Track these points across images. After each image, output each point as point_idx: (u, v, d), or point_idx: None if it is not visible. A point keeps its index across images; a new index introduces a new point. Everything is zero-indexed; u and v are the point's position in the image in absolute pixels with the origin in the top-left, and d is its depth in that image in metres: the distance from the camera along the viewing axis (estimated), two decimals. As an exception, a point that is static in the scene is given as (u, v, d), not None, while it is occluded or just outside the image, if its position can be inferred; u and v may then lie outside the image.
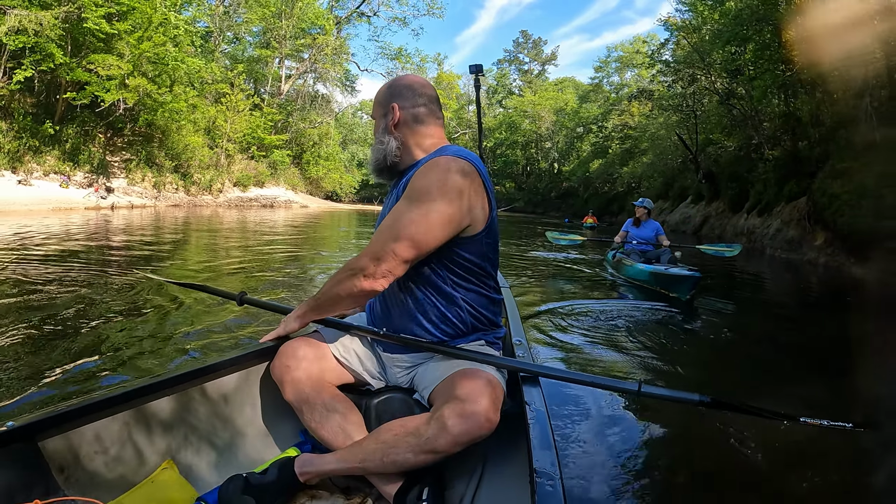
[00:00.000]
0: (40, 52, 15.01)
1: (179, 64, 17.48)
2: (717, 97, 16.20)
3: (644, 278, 5.37)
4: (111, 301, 3.60)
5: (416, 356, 1.31)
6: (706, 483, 1.74)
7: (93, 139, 19.13)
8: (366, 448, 1.13)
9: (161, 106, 17.90)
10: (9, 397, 1.89)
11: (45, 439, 1.02)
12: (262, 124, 26.52)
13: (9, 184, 15.17)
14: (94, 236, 8.30)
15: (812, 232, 9.32)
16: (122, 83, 16.35)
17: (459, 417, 1.04)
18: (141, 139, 20.30)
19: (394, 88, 1.34)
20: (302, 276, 5.51)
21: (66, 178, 16.75)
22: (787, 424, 1.36)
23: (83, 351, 2.47)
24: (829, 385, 2.82)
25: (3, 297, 3.53)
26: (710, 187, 18.31)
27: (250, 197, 24.92)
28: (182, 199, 20.41)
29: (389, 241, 1.15)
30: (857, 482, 1.82)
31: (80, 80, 16.32)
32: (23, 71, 14.91)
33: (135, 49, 16.10)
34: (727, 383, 2.87)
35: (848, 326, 4.32)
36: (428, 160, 1.24)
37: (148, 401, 1.19)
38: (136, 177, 19.14)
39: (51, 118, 17.23)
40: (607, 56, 45.15)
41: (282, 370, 1.28)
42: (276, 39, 28.54)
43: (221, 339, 2.78)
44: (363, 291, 1.18)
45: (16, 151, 16.04)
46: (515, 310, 1.95)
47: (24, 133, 16.47)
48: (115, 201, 16.51)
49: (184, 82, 19.20)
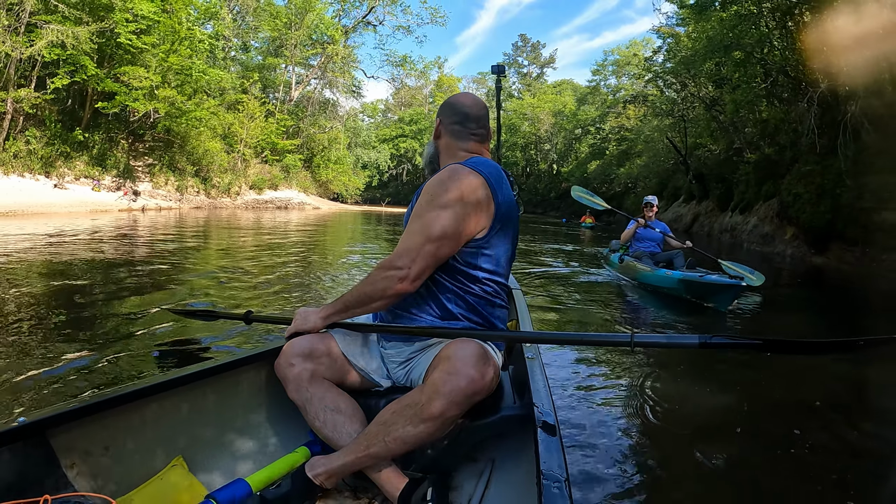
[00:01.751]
0: (73, 63, 16.17)
1: (202, 75, 18.66)
2: (704, 105, 17.48)
3: (671, 285, 4.64)
4: (131, 297, 3.74)
5: (413, 349, 1.33)
6: (719, 476, 1.69)
7: (116, 145, 20.32)
8: (369, 433, 1.15)
9: (185, 114, 19.08)
10: (20, 392, 1.91)
11: (56, 435, 1.03)
12: (275, 130, 27.87)
13: (45, 188, 16.32)
14: (134, 236, 9.28)
15: (782, 227, 10.49)
16: (150, 93, 17.49)
17: (448, 374, 1.07)
18: (162, 145, 21.49)
19: (444, 104, 1.46)
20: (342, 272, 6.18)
21: (97, 181, 17.90)
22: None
23: (94, 346, 2.52)
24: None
25: (42, 286, 4.04)
26: (700, 188, 19.51)
27: (266, 199, 26.16)
28: (203, 201, 21.62)
29: (424, 243, 1.19)
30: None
31: (110, 90, 17.50)
32: (59, 80, 16.04)
33: (163, 62, 17.27)
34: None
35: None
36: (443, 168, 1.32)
37: (158, 398, 1.20)
38: (160, 180, 20.32)
39: (77, 125, 18.41)
40: (604, 59, 46.35)
41: (285, 368, 1.29)
42: (287, 48, 29.81)
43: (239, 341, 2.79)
44: (398, 293, 1.21)
45: (49, 157, 17.19)
46: (526, 312, 1.97)
47: (56, 140, 17.64)
48: (144, 204, 17.68)
49: (205, 91, 20.41)
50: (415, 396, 1.10)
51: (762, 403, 2.42)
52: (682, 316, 4.27)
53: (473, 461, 1.31)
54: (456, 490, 1.24)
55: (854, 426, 2.14)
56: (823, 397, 2.51)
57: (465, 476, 1.28)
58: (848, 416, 2.26)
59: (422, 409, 1.06)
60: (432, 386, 1.07)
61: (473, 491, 1.23)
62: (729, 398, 2.47)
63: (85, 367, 2.19)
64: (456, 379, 1.06)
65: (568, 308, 4.44)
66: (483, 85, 61.50)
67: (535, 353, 1.44)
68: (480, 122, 1.41)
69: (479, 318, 1.30)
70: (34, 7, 15.12)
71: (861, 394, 2.61)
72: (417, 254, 1.18)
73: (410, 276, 1.18)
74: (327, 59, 31.25)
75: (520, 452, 1.23)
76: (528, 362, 1.37)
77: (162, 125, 19.87)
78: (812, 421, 2.18)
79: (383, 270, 1.21)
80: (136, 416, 1.16)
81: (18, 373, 2.10)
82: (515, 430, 1.20)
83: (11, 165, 15.92)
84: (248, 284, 4.70)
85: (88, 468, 1.06)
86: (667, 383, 2.55)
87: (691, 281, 4.34)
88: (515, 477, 1.23)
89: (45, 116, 17.80)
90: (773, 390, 2.63)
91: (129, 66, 17.21)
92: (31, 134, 16.80)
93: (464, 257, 1.26)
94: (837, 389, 2.70)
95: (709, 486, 1.64)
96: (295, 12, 28.74)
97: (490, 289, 1.30)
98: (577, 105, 46.77)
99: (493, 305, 1.32)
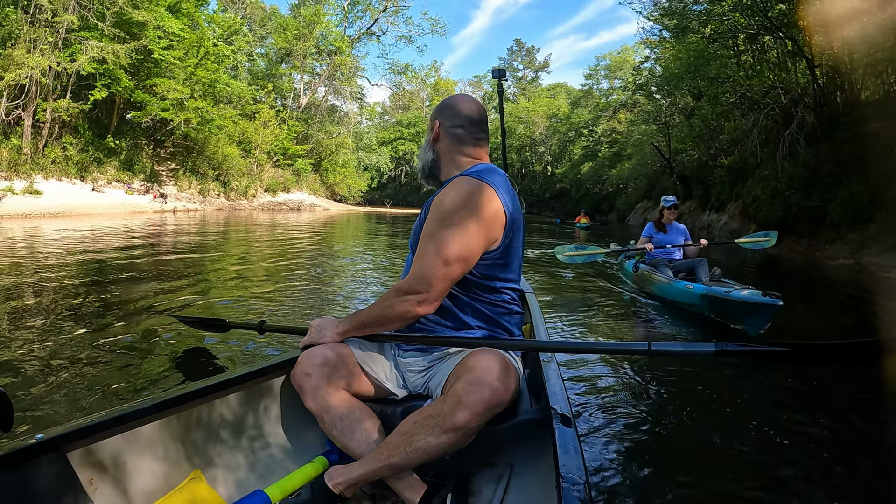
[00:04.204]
0: (109, 76, 17.61)
1: (226, 87, 20.24)
2: (683, 114, 19.33)
3: (691, 301, 4.06)
4: (149, 303, 3.75)
5: (432, 358, 1.32)
6: (740, 479, 1.68)
7: (141, 150, 21.78)
8: (389, 443, 1.14)
9: (209, 123, 20.67)
10: (38, 406, 1.90)
11: (74, 451, 1.03)
12: (287, 135, 29.57)
13: (83, 191, 17.78)
14: (168, 236, 10.04)
15: (747, 223, 12.20)
16: (179, 104, 19.03)
17: (471, 385, 1.07)
18: (182, 150, 23.00)
19: (441, 106, 1.41)
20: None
21: (129, 185, 19.38)
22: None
23: (106, 359, 2.49)
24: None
25: (73, 283, 4.31)
26: (683, 188, 21.26)
27: (280, 201, 27.84)
28: (223, 203, 23.20)
29: (441, 266, 1.17)
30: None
31: (140, 100, 18.98)
32: (98, 92, 17.49)
33: (192, 75, 18.84)
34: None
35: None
36: (451, 180, 1.29)
37: (174, 412, 1.21)
38: (184, 184, 21.83)
39: (106, 133, 19.88)
40: (596, 65, 48.03)
41: (302, 378, 1.28)
42: (296, 57, 31.44)
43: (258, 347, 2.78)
44: (417, 315, 1.22)
45: (83, 162, 18.63)
46: (539, 315, 1.97)
47: (90, 146, 19.08)
48: (175, 206, 19.21)
49: (225, 101, 22.01)
50: (437, 407, 1.10)
51: (782, 405, 2.35)
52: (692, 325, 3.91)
53: (492, 466, 1.32)
54: (475, 496, 1.25)
55: (878, 427, 2.08)
56: (845, 395, 2.45)
57: (484, 481, 1.28)
58: (871, 417, 2.18)
59: (444, 420, 1.06)
60: (455, 397, 1.07)
61: (492, 496, 1.23)
62: (748, 398, 2.43)
63: (98, 379, 2.21)
64: (480, 390, 1.06)
65: (574, 310, 4.29)
66: (479, 88, 63.14)
67: (550, 356, 1.45)
68: (482, 126, 1.39)
69: (496, 326, 1.30)
70: (74, 24, 16.55)
71: (885, 391, 2.40)
72: (435, 277, 1.18)
73: (430, 299, 1.19)
74: (334, 68, 32.95)
75: (538, 456, 1.24)
76: (543, 365, 1.39)
77: (180, 132, 21.37)
78: (835, 421, 2.13)
79: (401, 294, 1.21)
80: (153, 429, 1.17)
81: (24, 384, 2.10)
82: (533, 433, 1.21)
83: (50, 170, 17.34)
84: (287, 288, 4.75)
85: (107, 483, 1.07)
86: (684, 387, 2.53)
87: (715, 297, 3.69)
88: (534, 481, 1.23)
89: (78, 125, 19.24)
90: (793, 390, 2.56)
91: (159, 79, 18.72)
92: (68, 140, 18.23)
93: (479, 270, 1.25)
94: (857, 388, 2.56)
95: (730, 487, 1.62)
96: (304, 24, 30.38)
97: (507, 297, 1.31)
98: (570, 108, 48.09)
99: (510, 313, 1.33)
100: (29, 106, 16.68)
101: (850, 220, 9.64)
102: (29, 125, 16.87)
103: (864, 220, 9.45)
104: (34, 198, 15.39)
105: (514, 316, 1.34)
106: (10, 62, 15.66)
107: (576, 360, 2.70)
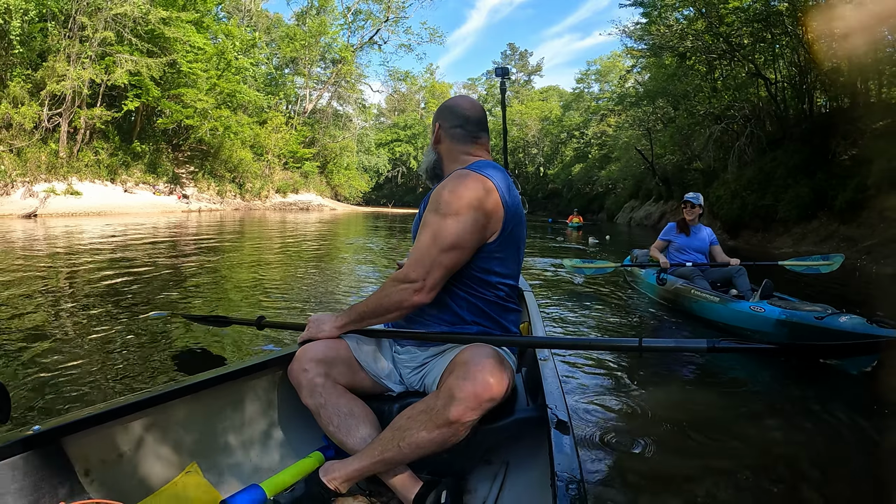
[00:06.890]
0: (140, 87, 19.19)
1: (243, 96, 21.97)
2: (662, 122, 21.41)
3: (762, 328, 3.02)
4: (154, 298, 3.79)
5: (428, 355, 1.34)
6: (734, 477, 1.66)
7: (162, 154, 23.33)
8: (383, 438, 1.15)
9: (227, 128, 22.37)
10: (34, 397, 1.92)
11: (71, 443, 1.03)
12: (296, 139, 31.34)
13: (116, 192, 19.35)
14: (196, 232, 11.50)
15: (714, 221, 14.13)
16: (202, 112, 20.68)
17: (463, 380, 1.08)
18: (199, 154, 24.60)
19: (441, 108, 1.44)
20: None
21: (155, 187, 20.96)
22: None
23: (107, 350, 2.53)
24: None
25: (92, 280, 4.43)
26: (666, 189, 23.26)
27: (290, 202, 29.68)
28: (240, 203, 24.94)
29: (435, 254, 1.19)
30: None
31: (166, 108, 20.59)
32: (131, 102, 19.07)
33: (215, 86, 20.55)
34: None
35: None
36: (450, 174, 1.31)
37: (172, 405, 1.22)
38: (203, 185, 23.45)
39: (131, 137, 21.44)
40: (587, 69, 49.82)
41: (299, 373, 1.29)
42: (302, 65, 33.21)
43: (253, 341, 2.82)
44: (415, 305, 1.23)
45: (113, 166, 20.17)
46: (537, 313, 2.00)
47: (119, 151, 20.63)
48: (200, 206, 20.87)
49: (243, 108, 23.74)
50: (430, 402, 1.11)
51: (776, 402, 2.38)
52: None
53: (488, 464, 1.33)
54: (470, 493, 1.25)
55: (874, 427, 2.08)
56: (838, 395, 2.40)
57: (480, 479, 1.29)
58: (868, 417, 2.18)
59: (437, 415, 1.07)
60: (448, 391, 1.08)
61: (488, 494, 1.24)
62: (740, 398, 2.44)
63: (97, 372, 2.22)
64: (472, 384, 1.07)
65: (569, 307, 4.23)
66: (473, 90, 64.88)
67: (547, 355, 1.46)
68: (481, 125, 1.41)
69: (492, 322, 1.31)
70: (110, 39, 18.10)
71: (879, 391, 2.35)
72: (431, 265, 1.19)
73: (426, 287, 1.20)
74: (339, 76, 34.78)
75: (534, 454, 1.25)
76: (540, 364, 1.40)
77: (195, 137, 22.97)
78: (828, 421, 2.10)
79: (397, 283, 1.23)
80: (150, 422, 1.17)
81: (21, 377, 2.11)
82: (529, 432, 1.22)
83: (83, 173, 18.87)
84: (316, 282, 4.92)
85: (103, 475, 1.07)
86: (678, 385, 2.57)
87: (805, 325, 2.70)
88: (530, 479, 1.25)
89: (108, 130, 20.77)
90: (787, 387, 2.58)
91: (185, 89, 20.35)
92: (99, 145, 19.77)
93: (476, 263, 1.26)
94: (853, 387, 2.51)
95: (723, 486, 1.62)
96: (310, 34, 32.16)
97: (503, 293, 1.32)
98: (562, 111, 49.54)
99: (507, 310, 1.34)
100: (66, 113, 18.20)
101: (795, 217, 11.55)
102: (65, 131, 18.39)
103: (808, 217, 11.35)
104: (75, 198, 16.97)
105: (510, 313, 1.35)
106: (52, 73, 17.18)
107: (573, 359, 2.67)
